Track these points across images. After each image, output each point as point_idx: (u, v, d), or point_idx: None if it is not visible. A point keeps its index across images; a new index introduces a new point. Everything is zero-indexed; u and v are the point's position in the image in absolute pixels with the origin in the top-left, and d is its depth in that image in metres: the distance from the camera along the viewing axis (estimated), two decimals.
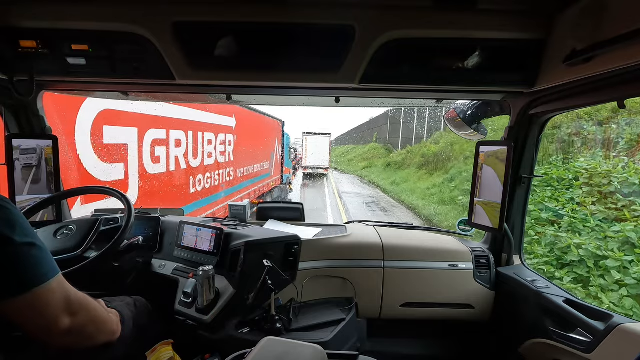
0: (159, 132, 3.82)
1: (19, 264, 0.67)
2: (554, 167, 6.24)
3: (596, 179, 5.07)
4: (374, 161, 26.90)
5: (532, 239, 4.88)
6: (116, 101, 3.05)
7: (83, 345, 0.80)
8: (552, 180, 5.83)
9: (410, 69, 1.15)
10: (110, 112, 3.08)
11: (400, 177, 16.95)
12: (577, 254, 4.15)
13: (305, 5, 1.03)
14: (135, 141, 3.44)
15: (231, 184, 6.16)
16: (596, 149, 6.26)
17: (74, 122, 2.69)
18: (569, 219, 4.77)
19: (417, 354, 1.79)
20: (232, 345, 1.24)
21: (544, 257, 4.49)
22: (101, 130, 2.99)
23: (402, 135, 24.32)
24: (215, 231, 1.50)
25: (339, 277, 1.62)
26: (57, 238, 1.36)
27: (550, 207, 5.18)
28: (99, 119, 2.96)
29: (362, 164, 28.08)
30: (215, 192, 5.37)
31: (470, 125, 1.63)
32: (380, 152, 28.49)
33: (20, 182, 1.50)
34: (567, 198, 5.29)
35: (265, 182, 8.85)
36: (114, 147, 3.16)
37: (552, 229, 4.81)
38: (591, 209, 4.73)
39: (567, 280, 3.97)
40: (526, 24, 1.04)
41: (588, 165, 5.39)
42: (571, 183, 5.51)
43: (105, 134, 3.03)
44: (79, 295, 0.78)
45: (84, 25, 1.08)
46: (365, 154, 31.42)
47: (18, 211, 0.72)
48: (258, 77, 1.18)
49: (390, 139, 27.75)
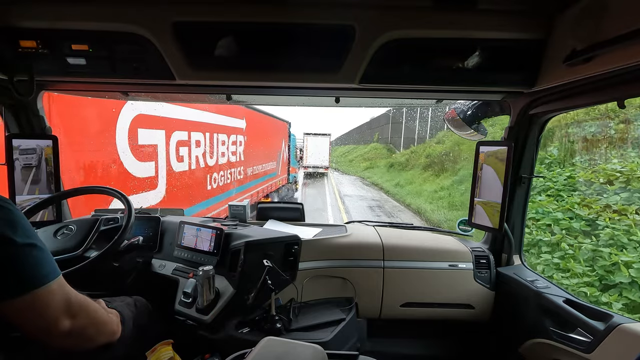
0: (182, 133, 4.22)
1: (19, 265, 0.67)
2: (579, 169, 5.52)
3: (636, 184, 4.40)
4: (376, 161, 26.18)
5: (565, 254, 4.24)
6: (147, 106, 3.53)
7: (83, 346, 0.80)
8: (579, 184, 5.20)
9: (410, 69, 1.15)
10: (143, 116, 3.46)
11: (405, 179, 16.18)
12: (627, 274, 3.50)
13: (305, 5, 1.03)
14: (163, 142, 3.85)
15: (241, 182, 6.61)
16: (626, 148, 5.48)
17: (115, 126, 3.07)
18: (610, 230, 4.06)
19: (417, 354, 1.79)
20: (232, 345, 1.24)
21: (584, 275, 3.82)
22: (136, 133, 3.36)
23: (404, 135, 23.95)
24: (215, 231, 1.50)
25: (339, 277, 1.62)
26: (57, 238, 1.36)
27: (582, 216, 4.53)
28: (134, 123, 3.33)
29: (363, 164, 27.47)
30: (227, 189, 5.77)
31: (470, 125, 1.63)
32: (382, 153, 27.90)
33: (20, 182, 1.50)
34: (601, 205, 4.53)
35: (272, 181, 9.27)
36: (146, 147, 3.57)
37: (589, 241, 4.17)
38: (635, 218, 4.03)
39: (617, 308, 3.34)
40: (526, 24, 1.04)
41: (623, 167, 4.70)
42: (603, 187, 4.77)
43: (139, 136, 3.41)
44: (80, 297, 0.78)
45: (84, 25, 1.08)
46: (366, 154, 30.88)
47: (19, 212, 0.72)
48: (258, 77, 1.18)
49: (392, 139, 27.38)
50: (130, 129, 3.29)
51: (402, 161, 19.83)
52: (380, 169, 22.58)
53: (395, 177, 17.80)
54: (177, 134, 4.10)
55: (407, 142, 23.06)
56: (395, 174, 18.62)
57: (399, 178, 16.95)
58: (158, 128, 3.74)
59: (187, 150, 4.35)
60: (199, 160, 4.72)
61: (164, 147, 3.85)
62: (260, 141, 7.77)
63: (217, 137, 5.32)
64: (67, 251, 1.31)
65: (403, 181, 15.92)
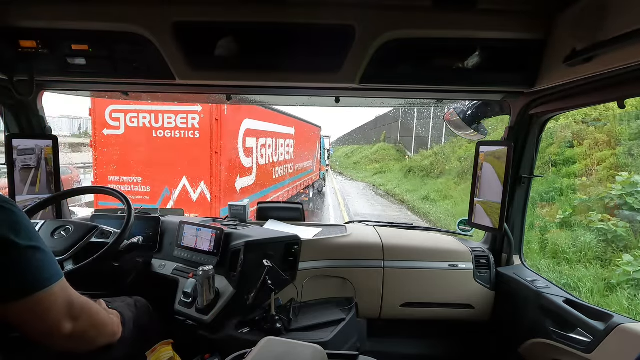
0: (263, 140, 6.48)
1: (22, 268, 0.67)
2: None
3: None
4: (386, 164, 22.28)
5: None
6: (251, 122, 5.76)
7: (84, 348, 0.80)
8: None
9: (411, 69, 1.15)
10: (248, 129, 5.66)
11: (434, 190, 12.08)
12: None
13: (305, 5, 1.03)
14: (255, 145, 6.07)
15: (291, 175, 8.82)
16: None
17: (237, 136, 5.32)
18: None
19: (417, 354, 1.79)
20: (232, 345, 1.24)
21: None
22: (244, 140, 5.56)
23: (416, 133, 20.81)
24: (215, 231, 1.50)
25: (339, 277, 1.62)
26: (54, 238, 1.35)
27: None
28: (245, 133, 5.55)
29: (371, 168, 23.87)
30: (283, 180, 8.06)
31: (470, 125, 1.63)
32: (391, 154, 24.76)
33: (19, 182, 1.50)
34: None
35: (309, 177, 11.43)
36: (248, 149, 5.77)
37: None
38: None
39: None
40: (526, 24, 1.04)
41: None
42: None
43: (246, 142, 5.63)
44: (81, 299, 0.78)
45: (84, 25, 1.08)
46: (372, 156, 27.35)
47: (23, 213, 0.71)
48: (258, 77, 1.18)
49: (401, 139, 24.60)
50: (243, 138, 5.48)
51: (424, 165, 15.64)
52: (394, 175, 18.50)
53: (418, 186, 13.81)
54: (261, 140, 6.34)
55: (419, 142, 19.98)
56: (418, 182, 14.59)
57: (425, 188, 12.97)
58: (253, 137, 5.95)
59: (264, 151, 6.60)
60: (270, 158, 6.98)
61: (255, 149, 6.08)
62: (302, 144, 9.88)
63: (279, 141, 7.56)
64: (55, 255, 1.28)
65: (433, 193, 11.78)
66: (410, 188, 13.99)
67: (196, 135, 4.67)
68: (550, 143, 8.24)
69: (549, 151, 8.09)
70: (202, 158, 4.67)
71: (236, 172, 5.32)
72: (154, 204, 4.80)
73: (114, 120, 4.78)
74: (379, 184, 17.76)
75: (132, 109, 4.71)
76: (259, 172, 6.25)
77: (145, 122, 4.74)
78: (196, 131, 4.67)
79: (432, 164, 15.06)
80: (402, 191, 14.02)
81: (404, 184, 15.28)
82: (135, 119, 4.74)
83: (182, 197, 4.81)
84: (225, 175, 4.88)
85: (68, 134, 22.72)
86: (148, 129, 4.73)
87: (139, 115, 4.72)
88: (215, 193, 4.75)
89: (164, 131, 4.73)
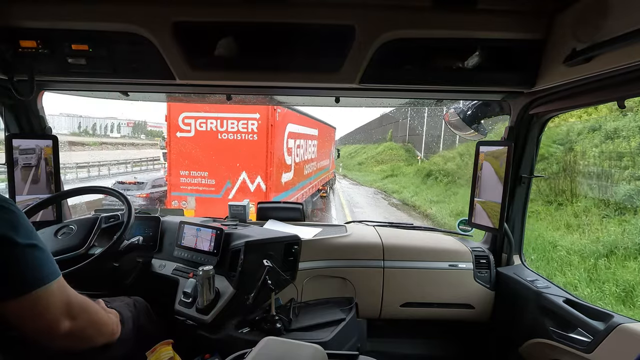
0: (299, 141, 7.70)
1: (20, 266, 0.68)
2: None
3: None
4: (397, 167, 19.67)
5: None
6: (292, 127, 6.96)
7: (83, 347, 0.80)
8: None
9: (410, 69, 1.15)
10: (290, 132, 6.81)
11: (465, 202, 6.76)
12: None
13: (305, 5, 1.03)
14: (294, 145, 7.24)
15: (315, 172, 9.89)
16: None
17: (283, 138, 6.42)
18: None
19: (417, 354, 1.79)
20: (232, 345, 1.24)
21: None
22: (287, 141, 6.67)
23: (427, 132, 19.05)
24: (215, 231, 1.50)
25: (339, 277, 1.62)
26: (58, 238, 1.36)
27: None
28: (288, 135, 6.70)
29: (377, 169, 21.57)
30: (310, 176, 9.20)
31: (470, 125, 1.63)
32: (399, 154, 22.59)
33: (19, 182, 1.50)
34: None
35: (327, 175, 12.56)
36: (290, 148, 6.89)
37: None
38: None
39: None
40: (526, 24, 1.04)
41: None
42: None
43: (288, 143, 6.75)
44: (80, 298, 0.78)
45: (84, 25, 1.08)
46: (379, 156, 25.24)
47: (22, 213, 0.72)
48: (258, 77, 1.18)
49: (410, 138, 22.97)
50: (286, 140, 6.62)
51: (448, 169, 12.77)
52: (408, 179, 15.96)
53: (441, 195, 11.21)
54: (297, 141, 7.56)
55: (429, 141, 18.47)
56: (441, 189, 11.96)
57: (452, 199, 10.50)
58: (293, 138, 7.07)
59: (299, 151, 7.79)
60: (302, 156, 8.21)
61: (293, 149, 7.22)
62: (323, 144, 10.98)
63: (308, 142, 8.76)
64: (69, 250, 1.30)
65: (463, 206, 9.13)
66: (434, 198, 11.35)
67: (254, 137, 5.78)
68: None
69: None
70: (259, 156, 5.80)
71: (282, 168, 6.53)
72: (218, 194, 5.94)
73: (186, 125, 5.88)
74: (391, 190, 15.28)
75: (201, 116, 5.79)
76: (295, 169, 7.50)
77: (212, 127, 5.82)
78: (254, 134, 5.76)
79: (459, 167, 12.03)
80: (423, 201, 11.39)
81: (424, 192, 12.75)
82: (203, 124, 5.82)
83: (241, 188, 5.90)
84: (275, 171, 6.08)
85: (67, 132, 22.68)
86: (214, 132, 5.83)
87: (207, 120, 5.81)
88: (270, 185, 5.92)
89: (227, 134, 5.84)
